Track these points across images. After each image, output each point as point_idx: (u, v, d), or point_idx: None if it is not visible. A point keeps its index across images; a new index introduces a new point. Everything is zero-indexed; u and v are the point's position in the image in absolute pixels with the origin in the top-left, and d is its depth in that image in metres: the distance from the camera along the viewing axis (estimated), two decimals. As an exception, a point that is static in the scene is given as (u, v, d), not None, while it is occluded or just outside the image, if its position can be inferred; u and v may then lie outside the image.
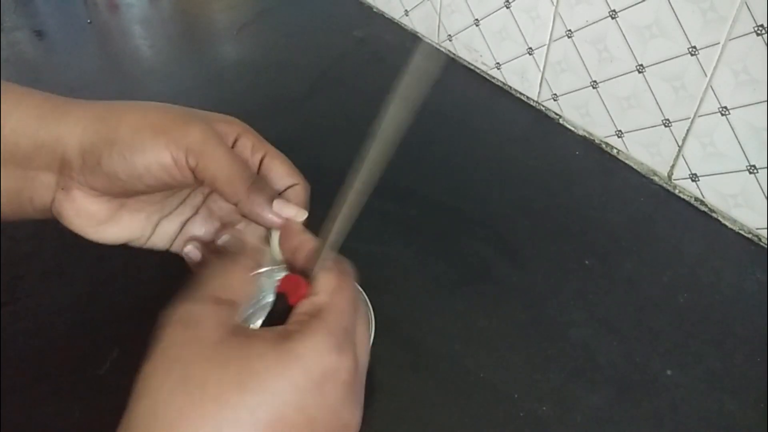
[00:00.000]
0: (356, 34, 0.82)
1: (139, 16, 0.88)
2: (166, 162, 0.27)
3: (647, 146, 0.59)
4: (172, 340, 0.23)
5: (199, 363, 0.22)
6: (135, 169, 0.27)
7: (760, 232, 0.52)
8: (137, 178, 0.28)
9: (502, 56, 0.70)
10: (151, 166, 0.27)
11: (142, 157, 0.27)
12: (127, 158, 0.27)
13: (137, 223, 0.31)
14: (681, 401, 0.41)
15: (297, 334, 0.23)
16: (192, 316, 0.24)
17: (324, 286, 0.26)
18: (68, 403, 0.40)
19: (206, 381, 0.21)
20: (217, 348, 0.22)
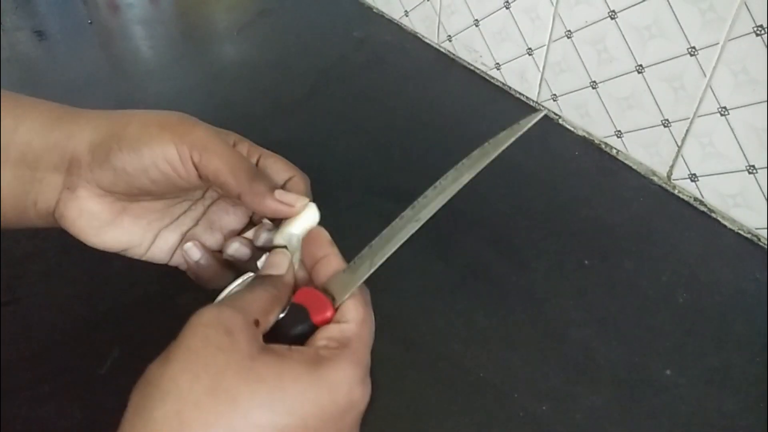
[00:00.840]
0: (356, 35, 0.82)
1: (139, 17, 0.88)
2: (171, 156, 0.28)
3: (646, 146, 0.59)
4: (203, 345, 0.23)
5: (232, 374, 0.22)
6: (141, 162, 0.28)
7: (760, 232, 0.52)
8: (143, 171, 0.28)
9: (502, 57, 0.70)
10: (156, 159, 0.28)
11: (149, 151, 0.28)
12: (134, 151, 0.28)
13: (138, 230, 0.31)
14: (680, 401, 0.41)
15: (330, 362, 0.24)
16: (227, 325, 0.23)
17: (353, 315, 0.26)
18: (68, 403, 0.40)
19: (238, 395, 0.21)
20: (251, 362, 0.22)
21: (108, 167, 0.28)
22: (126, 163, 0.28)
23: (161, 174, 0.29)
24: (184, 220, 0.33)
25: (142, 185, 0.29)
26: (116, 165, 0.28)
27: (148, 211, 0.32)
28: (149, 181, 0.29)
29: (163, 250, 0.33)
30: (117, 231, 0.31)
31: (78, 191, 0.29)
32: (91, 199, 0.29)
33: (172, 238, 0.33)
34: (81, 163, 0.29)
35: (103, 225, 0.30)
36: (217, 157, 0.28)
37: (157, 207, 0.32)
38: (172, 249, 0.33)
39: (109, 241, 0.31)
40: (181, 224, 0.33)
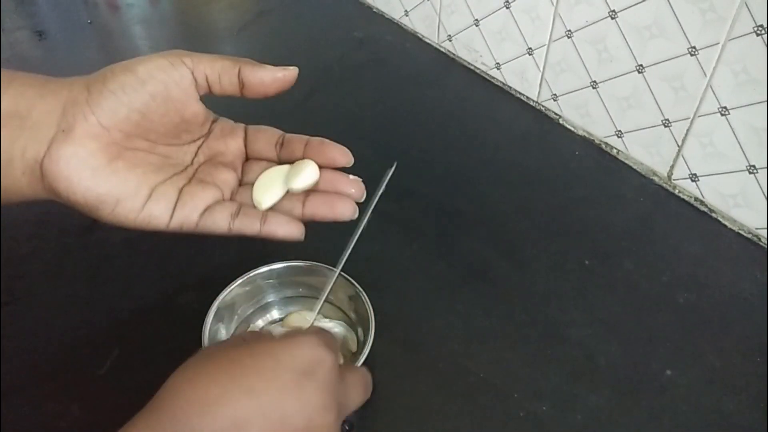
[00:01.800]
0: (356, 35, 0.82)
1: (139, 17, 0.88)
2: (163, 63, 0.30)
3: (647, 146, 0.59)
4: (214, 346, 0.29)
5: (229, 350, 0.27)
6: (138, 77, 0.29)
7: (760, 232, 0.52)
8: (140, 85, 0.29)
9: (502, 56, 0.70)
10: (151, 70, 0.29)
11: (143, 67, 0.29)
12: (129, 70, 0.29)
13: (133, 179, 0.30)
14: (681, 401, 0.41)
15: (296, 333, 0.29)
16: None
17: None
18: (68, 403, 0.40)
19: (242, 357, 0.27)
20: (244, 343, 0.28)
21: (107, 93, 0.29)
22: (124, 83, 0.29)
23: (159, 83, 0.29)
24: (178, 178, 0.33)
25: (142, 105, 0.29)
26: (114, 88, 0.29)
27: (143, 162, 0.31)
28: (149, 95, 0.29)
29: (161, 205, 0.31)
30: (111, 177, 0.29)
31: (73, 132, 0.28)
32: (86, 139, 0.29)
33: (169, 192, 0.32)
34: (78, 101, 0.29)
35: (97, 168, 0.29)
36: (205, 55, 0.31)
37: (151, 160, 0.32)
38: (170, 205, 0.31)
39: (102, 187, 0.29)
40: (176, 181, 0.32)
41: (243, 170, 0.35)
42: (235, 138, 0.35)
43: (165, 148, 0.32)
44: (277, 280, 0.45)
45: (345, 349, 0.43)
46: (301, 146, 0.34)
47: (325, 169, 0.34)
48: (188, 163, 0.34)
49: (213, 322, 0.41)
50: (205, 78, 0.31)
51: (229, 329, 0.43)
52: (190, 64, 0.31)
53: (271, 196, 0.33)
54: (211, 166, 0.34)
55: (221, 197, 0.33)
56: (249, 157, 0.36)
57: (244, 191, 0.34)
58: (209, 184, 0.33)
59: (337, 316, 0.45)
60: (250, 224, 0.32)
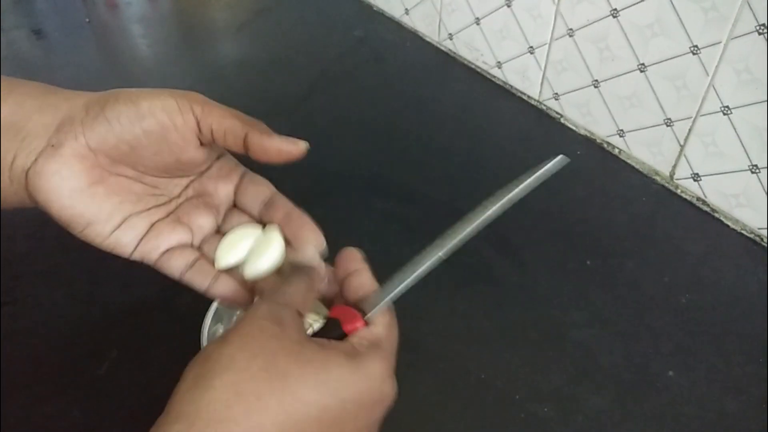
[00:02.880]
0: (356, 33, 0.82)
1: (137, 15, 0.87)
2: (170, 105, 0.29)
3: (649, 146, 0.59)
4: (259, 332, 0.26)
5: (284, 356, 0.25)
6: (138, 111, 0.28)
7: (762, 232, 0.52)
8: (138, 119, 0.28)
9: (503, 55, 0.70)
10: (154, 108, 0.28)
11: (147, 102, 0.29)
12: (132, 102, 0.28)
13: (108, 205, 0.30)
14: (683, 402, 0.41)
15: (365, 356, 0.27)
16: (278, 317, 0.27)
17: (381, 321, 0.30)
18: (68, 403, 0.40)
19: (289, 373, 0.24)
20: (300, 347, 0.26)
21: (102, 119, 0.28)
22: (121, 113, 0.28)
23: (157, 124, 0.29)
24: (156, 211, 0.32)
25: (133, 138, 0.29)
26: (110, 116, 0.28)
27: (124, 191, 0.31)
28: (143, 132, 0.29)
29: (128, 236, 0.31)
30: (87, 200, 0.29)
31: (62, 148, 0.28)
32: (72, 158, 0.28)
33: (140, 225, 0.31)
34: (74, 119, 0.29)
35: (76, 189, 0.29)
36: (218, 108, 0.30)
37: (134, 189, 0.31)
38: (137, 237, 0.31)
39: (77, 208, 0.29)
40: (152, 215, 0.32)
41: (225, 217, 0.34)
42: (227, 183, 0.34)
43: (153, 179, 0.32)
44: (277, 280, 0.45)
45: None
46: (280, 216, 0.33)
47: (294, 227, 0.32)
48: (175, 195, 0.33)
49: (212, 323, 0.41)
50: (210, 132, 0.30)
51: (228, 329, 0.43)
52: (199, 113, 0.29)
53: (230, 259, 0.32)
54: (195, 205, 0.33)
55: (189, 242, 0.32)
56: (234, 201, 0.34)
57: (215, 240, 0.33)
58: (183, 225, 0.32)
59: (337, 316, 0.45)
60: (199, 280, 0.32)
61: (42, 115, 0.29)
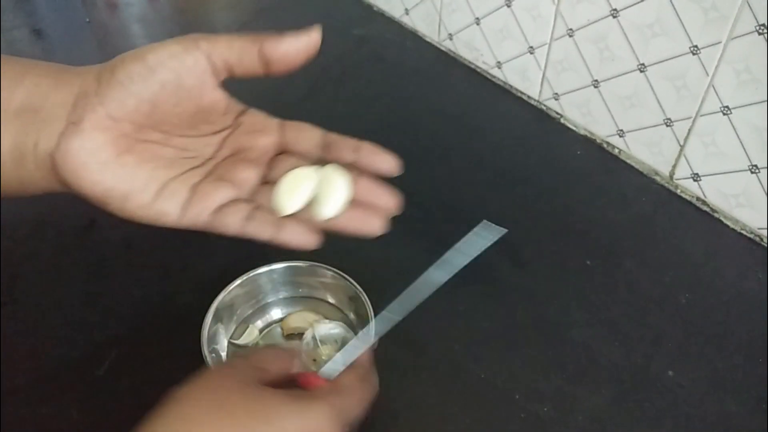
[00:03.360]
0: (356, 33, 0.82)
1: (137, 15, 0.87)
2: (175, 49, 0.28)
3: (649, 146, 0.59)
4: (213, 376, 0.30)
5: (234, 394, 0.28)
6: (147, 64, 0.27)
7: (762, 232, 0.52)
8: (150, 73, 0.27)
9: (503, 55, 0.70)
10: (161, 57, 0.28)
11: (153, 55, 0.28)
12: (138, 58, 0.28)
13: (142, 173, 0.29)
14: (682, 402, 0.41)
15: (315, 400, 0.30)
16: (234, 365, 0.31)
17: (340, 377, 0.33)
18: (68, 403, 0.40)
19: (237, 409, 0.27)
20: (250, 388, 0.29)
21: (114, 83, 0.27)
22: (132, 72, 0.27)
23: (169, 71, 0.28)
24: (193, 174, 0.31)
25: (151, 94, 0.28)
26: (122, 78, 0.27)
27: (155, 156, 0.30)
28: (158, 84, 0.28)
29: (171, 203, 0.29)
30: (119, 171, 0.28)
31: (83, 123, 0.27)
32: (95, 131, 0.28)
33: (180, 189, 0.30)
34: (88, 92, 0.28)
35: (105, 162, 0.28)
36: (223, 36, 0.29)
37: (165, 154, 0.30)
38: (181, 203, 0.30)
39: (110, 181, 0.28)
40: (190, 177, 0.30)
41: (271, 166, 0.32)
42: (265, 135, 0.32)
43: (182, 140, 0.30)
44: (276, 280, 0.45)
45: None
46: (350, 152, 0.31)
47: (361, 176, 0.31)
48: (208, 156, 0.31)
49: (212, 323, 0.41)
50: (224, 61, 0.29)
51: (228, 329, 0.43)
52: (205, 47, 0.28)
53: (295, 202, 0.30)
54: (233, 162, 0.32)
55: (237, 196, 0.31)
56: (281, 152, 0.33)
57: (266, 190, 0.31)
58: (225, 181, 0.31)
59: (337, 317, 0.45)
60: (262, 229, 0.30)
61: (58, 94, 0.28)
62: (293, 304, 0.46)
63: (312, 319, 0.44)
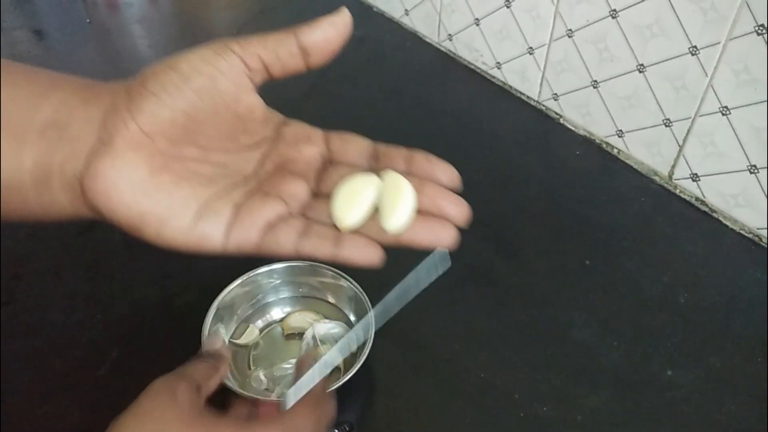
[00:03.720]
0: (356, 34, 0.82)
1: (138, 16, 0.87)
2: (207, 54, 0.26)
3: (648, 146, 0.59)
4: (152, 402, 0.29)
5: (174, 422, 0.28)
6: (181, 73, 0.25)
7: (761, 232, 0.52)
8: (185, 80, 0.25)
9: (503, 56, 0.70)
10: (194, 63, 0.26)
11: (185, 60, 0.26)
12: (170, 68, 0.26)
13: (180, 193, 0.26)
14: (681, 401, 0.41)
15: (261, 425, 0.30)
16: (172, 389, 0.30)
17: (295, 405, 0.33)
18: (68, 403, 0.40)
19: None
20: (190, 419, 0.29)
21: (147, 95, 0.25)
22: (165, 82, 0.25)
23: (204, 77, 0.25)
24: (236, 192, 0.28)
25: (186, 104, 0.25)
26: (155, 89, 0.25)
27: (193, 174, 0.27)
28: (193, 92, 0.25)
29: (214, 225, 0.26)
30: (154, 193, 0.25)
31: (113, 142, 0.25)
32: (127, 150, 0.25)
33: (223, 209, 0.27)
34: (118, 107, 0.25)
35: (138, 183, 0.25)
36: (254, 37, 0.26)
37: (203, 171, 0.27)
38: (225, 224, 0.26)
39: (144, 205, 0.25)
40: (232, 195, 0.27)
41: (320, 178, 0.29)
42: (310, 144, 0.29)
43: (221, 155, 0.28)
44: (277, 280, 0.45)
45: (345, 349, 0.43)
46: (402, 162, 0.29)
47: (425, 183, 0.28)
48: (251, 171, 0.29)
49: (212, 322, 0.41)
50: (260, 60, 0.26)
51: (228, 329, 0.43)
52: (238, 49, 0.26)
53: (356, 214, 0.27)
54: (278, 177, 0.29)
55: (286, 212, 0.28)
56: (330, 162, 0.30)
57: (317, 204, 0.28)
58: (272, 196, 0.28)
59: (337, 317, 0.45)
60: (321, 246, 0.27)
61: (86, 110, 0.26)
62: (293, 304, 0.46)
63: (312, 319, 0.44)
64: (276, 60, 0.27)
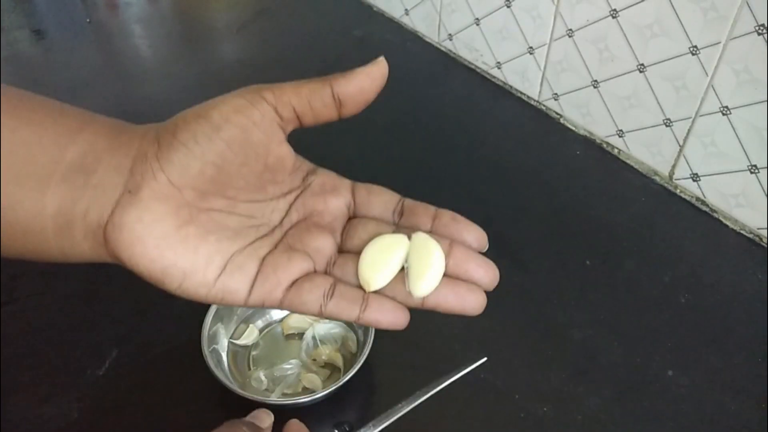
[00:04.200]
0: (356, 34, 0.82)
1: (138, 15, 0.87)
2: (240, 103, 0.25)
3: (648, 146, 0.59)
4: None
5: None
6: (212, 122, 0.25)
7: (761, 232, 0.52)
8: (214, 131, 0.25)
9: (503, 55, 0.70)
10: (227, 113, 0.25)
11: (216, 109, 0.25)
12: (201, 116, 0.25)
13: (205, 247, 0.25)
14: (682, 401, 0.41)
15: None
16: None
17: None
18: (68, 403, 0.40)
19: None
20: None
21: (177, 145, 0.25)
22: (197, 132, 0.25)
23: (236, 127, 0.25)
24: (261, 244, 0.27)
25: (217, 155, 0.25)
26: (185, 139, 0.25)
27: (219, 227, 0.26)
28: (225, 144, 0.25)
29: (238, 279, 0.26)
30: (179, 246, 0.25)
31: (141, 192, 0.24)
32: (154, 201, 0.25)
33: (248, 263, 0.26)
34: (147, 155, 0.25)
35: (163, 237, 0.25)
36: (287, 84, 0.26)
37: (229, 223, 0.27)
38: (249, 278, 0.26)
39: (169, 258, 0.25)
40: (258, 249, 0.27)
41: (345, 233, 0.29)
42: (336, 196, 0.29)
43: (248, 205, 0.27)
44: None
45: (345, 350, 0.43)
46: (428, 220, 0.28)
47: (453, 246, 0.28)
48: (276, 223, 0.28)
49: (212, 323, 0.41)
50: (292, 109, 0.26)
51: (228, 329, 0.43)
52: (271, 99, 0.26)
53: (383, 276, 0.26)
54: (303, 229, 0.28)
55: (312, 269, 0.27)
56: (355, 216, 0.29)
57: (342, 261, 0.28)
58: (298, 252, 0.27)
59: (337, 316, 0.45)
60: (347, 309, 0.26)
61: (114, 156, 0.25)
62: (293, 304, 0.46)
63: (312, 319, 0.44)
64: (309, 110, 0.26)
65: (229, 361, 0.42)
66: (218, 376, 0.38)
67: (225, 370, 0.40)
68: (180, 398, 0.41)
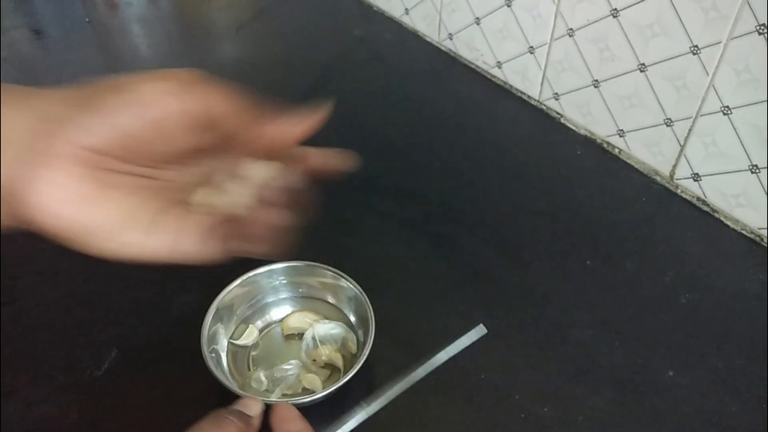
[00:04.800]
0: (356, 33, 0.82)
1: (137, 15, 0.87)
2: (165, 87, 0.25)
3: (649, 146, 0.59)
4: None
5: None
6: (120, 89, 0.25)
7: (762, 232, 0.52)
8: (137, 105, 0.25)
9: (503, 55, 0.70)
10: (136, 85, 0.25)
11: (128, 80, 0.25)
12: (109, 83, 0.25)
13: (127, 204, 0.26)
14: (682, 402, 0.41)
15: None
16: None
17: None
18: (67, 403, 0.40)
19: None
20: None
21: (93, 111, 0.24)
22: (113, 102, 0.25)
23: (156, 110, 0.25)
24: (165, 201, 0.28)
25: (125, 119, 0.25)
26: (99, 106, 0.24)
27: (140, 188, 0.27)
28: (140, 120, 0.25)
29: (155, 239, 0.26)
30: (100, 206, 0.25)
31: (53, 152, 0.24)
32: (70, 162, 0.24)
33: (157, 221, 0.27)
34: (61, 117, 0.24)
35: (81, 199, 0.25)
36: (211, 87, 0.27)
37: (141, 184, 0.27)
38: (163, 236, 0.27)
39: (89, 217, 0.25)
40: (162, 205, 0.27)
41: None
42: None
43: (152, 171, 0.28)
44: (276, 280, 0.45)
45: (345, 350, 0.43)
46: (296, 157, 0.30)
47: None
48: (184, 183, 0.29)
49: (212, 323, 0.41)
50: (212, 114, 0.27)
51: (228, 329, 0.43)
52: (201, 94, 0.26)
53: None
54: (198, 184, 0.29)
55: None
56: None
57: None
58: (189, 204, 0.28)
59: (337, 317, 0.45)
60: None
61: (21, 118, 0.24)
62: (293, 304, 0.46)
63: (312, 319, 0.44)
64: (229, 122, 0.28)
65: (229, 362, 0.42)
66: (218, 376, 0.38)
67: (225, 371, 0.40)
68: (179, 399, 0.41)
